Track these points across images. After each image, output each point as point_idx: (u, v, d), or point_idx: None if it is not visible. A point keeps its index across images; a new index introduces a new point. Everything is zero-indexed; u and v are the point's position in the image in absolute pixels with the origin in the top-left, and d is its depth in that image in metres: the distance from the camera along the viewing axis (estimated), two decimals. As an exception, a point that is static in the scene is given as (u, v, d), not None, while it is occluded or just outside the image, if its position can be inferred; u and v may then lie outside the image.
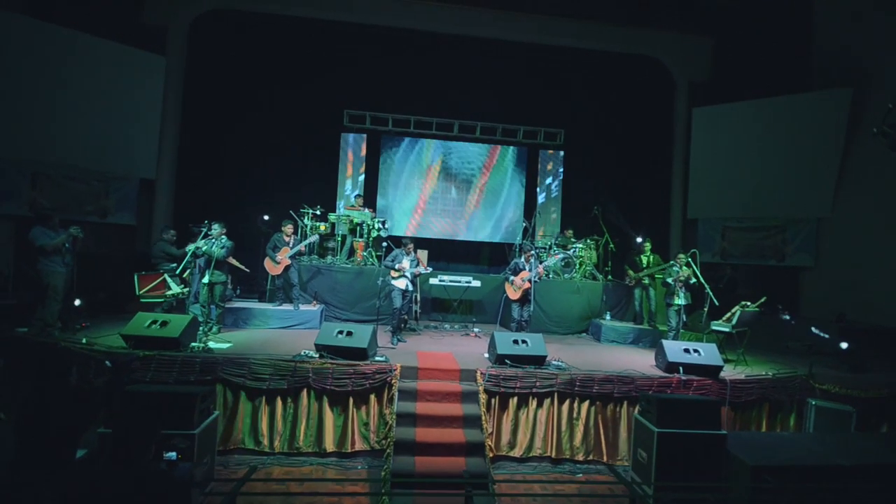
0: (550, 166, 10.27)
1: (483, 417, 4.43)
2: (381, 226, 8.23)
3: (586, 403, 4.84)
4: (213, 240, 5.82)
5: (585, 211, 8.62)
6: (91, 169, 8.44)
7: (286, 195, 8.61)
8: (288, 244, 6.72)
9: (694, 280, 6.02)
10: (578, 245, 8.13)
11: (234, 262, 6.22)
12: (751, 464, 3.61)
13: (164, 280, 5.97)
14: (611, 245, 8.07)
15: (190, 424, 3.34)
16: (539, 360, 5.02)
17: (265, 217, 8.57)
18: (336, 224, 8.15)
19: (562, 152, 10.19)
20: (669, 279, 6.17)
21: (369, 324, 5.72)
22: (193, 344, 4.92)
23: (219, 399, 4.63)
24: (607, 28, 9.57)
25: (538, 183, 10.24)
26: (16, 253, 7.65)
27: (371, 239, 8.05)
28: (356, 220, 8.10)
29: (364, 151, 9.98)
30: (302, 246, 6.81)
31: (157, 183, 9.09)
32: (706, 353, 5.20)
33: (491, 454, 4.32)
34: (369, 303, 6.94)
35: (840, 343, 5.99)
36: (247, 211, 8.76)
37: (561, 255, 7.88)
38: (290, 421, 4.66)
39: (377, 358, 4.94)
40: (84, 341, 4.90)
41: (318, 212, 8.03)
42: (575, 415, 4.81)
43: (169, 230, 6.59)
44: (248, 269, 6.69)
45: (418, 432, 4.24)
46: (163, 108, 8.93)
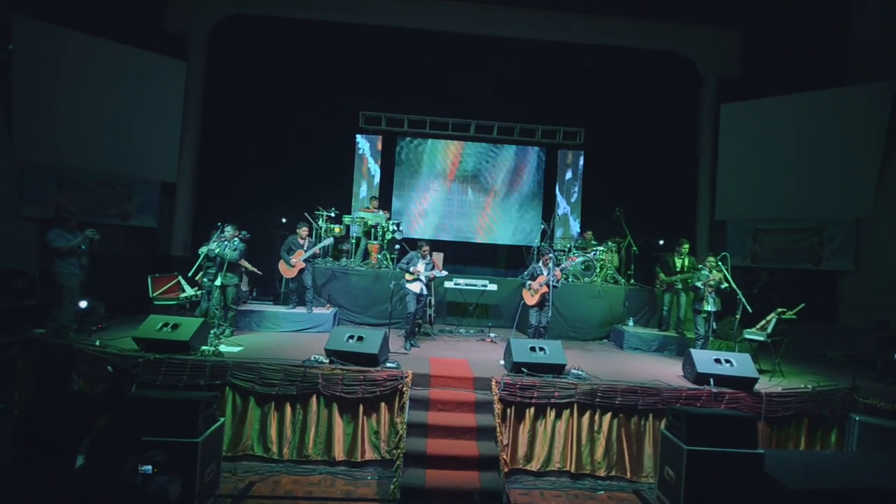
0: (570, 167, 9.97)
1: (498, 429, 4.21)
2: (396, 228, 8.11)
3: (608, 416, 4.56)
4: (226, 242, 5.78)
5: (606, 212, 8.30)
6: (114, 173, 8.62)
7: (302, 197, 8.57)
8: (303, 247, 6.65)
9: (725, 285, 5.66)
10: (599, 248, 7.82)
11: (247, 265, 6.17)
12: (791, 487, 3.29)
13: (178, 282, 5.95)
14: (633, 247, 7.73)
15: (193, 432, 3.24)
16: (558, 369, 4.77)
17: (282, 220, 8.56)
18: (350, 226, 8.07)
19: (582, 152, 9.88)
20: (698, 283, 5.81)
21: (382, 328, 5.58)
22: (204, 347, 4.86)
23: (228, 404, 4.56)
24: (629, 23, 9.25)
25: (557, 184, 9.94)
26: (42, 255, 7.82)
27: (386, 241, 7.93)
28: (370, 222, 8.00)
29: (379, 153, 9.89)
30: (317, 249, 6.73)
31: (178, 186, 9.21)
32: (739, 364, 4.86)
33: (506, 469, 4.10)
34: (383, 306, 6.81)
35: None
36: (264, 213, 8.78)
37: (581, 258, 7.60)
38: (300, 428, 4.55)
39: (388, 364, 4.78)
40: (97, 343, 4.90)
41: (333, 214, 7.96)
42: (596, 427, 4.54)
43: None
44: (262, 272, 6.62)
45: (430, 444, 4.05)
46: (183, 112, 9.06)
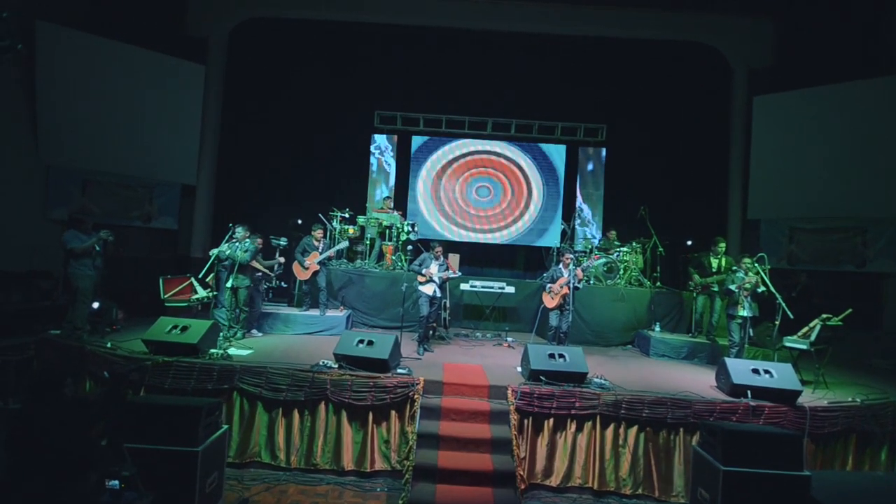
0: (591, 164, 9.59)
1: (514, 441, 3.95)
2: (411, 228, 7.93)
3: (634, 429, 4.24)
4: (237, 243, 5.70)
5: (630, 211, 7.91)
6: (136, 175, 8.77)
7: (319, 198, 8.53)
8: (317, 249, 6.54)
9: (763, 289, 5.23)
10: (623, 248, 7.44)
11: (259, 266, 6.08)
12: (845, 516, 2.93)
13: (191, 284, 5.90)
14: (660, 248, 7.31)
15: (193, 441, 3.10)
16: (579, 378, 4.47)
17: (298, 221, 8.50)
18: (365, 227, 7.93)
19: (604, 149, 9.49)
20: (733, 286, 5.39)
21: (396, 331, 5.40)
22: (213, 350, 4.76)
23: (235, 409, 4.46)
24: (654, 14, 8.88)
25: (578, 182, 9.58)
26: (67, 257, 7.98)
27: (400, 242, 7.76)
28: (385, 223, 7.85)
29: (394, 152, 9.75)
30: (332, 252, 6.60)
31: (198, 188, 9.30)
32: (780, 375, 4.46)
33: (522, 485, 3.82)
34: (398, 309, 6.61)
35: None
36: (280, 214, 8.76)
37: (603, 259, 7.24)
38: (308, 435, 4.39)
39: (399, 370, 4.58)
40: (108, 345, 4.87)
41: (347, 214, 7.84)
42: (621, 441, 4.22)
43: (256, 238, 6.09)
44: (273, 273, 6.52)
45: (441, 456, 3.82)
46: (202, 115, 9.14)
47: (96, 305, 5.64)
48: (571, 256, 5.63)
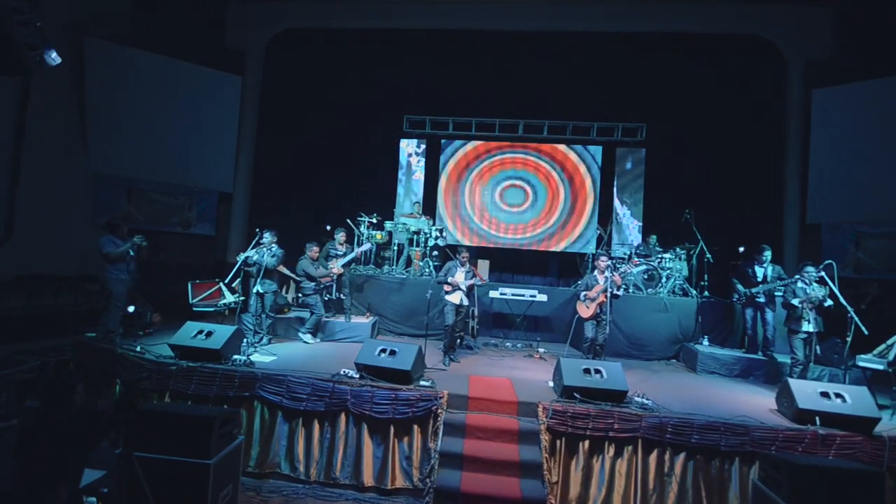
0: (630, 166, 9.06)
1: (545, 465, 3.61)
2: (439, 234, 7.74)
3: (682, 456, 3.79)
4: (265, 248, 5.68)
5: (672, 215, 7.36)
6: (177, 184, 9.08)
7: (349, 204, 8.49)
8: (341, 253, 6.46)
9: (830, 302, 4.63)
10: (665, 254, 6.92)
11: (285, 271, 6.04)
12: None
13: (220, 289, 5.93)
14: (707, 255, 6.73)
15: (205, 453, 2.98)
16: (617, 396, 4.08)
17: (327, 227, 8.51)
18: (393, 232, 7.80)
19: (643, 150, 8.95)
20: (795, 301, 4.81)
21: (423, 339, 5.18)
22: (236, 356, 4.70)
23: (256, 417, 4.37)
24: (698, 6, 8.32)
25: (615, 185, 9.08)
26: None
27: (428, 248, 7.57)
28: (413, 228, 7.69)
29: (424, 157, 9.61)
30: (354, 255, 6.50)
31: (234, 195, 9.52)
32: (854, 399, 3.89)
33: (555, 515, 3.48)
34: (424, 317, 6.41)
35: None
36: (313, 220, 8.81)
37: (643, 266, 6.75)
38: (328, 447, 4.23)
39: (422, 382, 4.34)
40: (138, 348, 4.92)
41: (375, 219, 7.74)
42: (666, 470, 3.78)
43: (312, 246, 6.10)
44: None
45: (464, 479, 3.53)
46: (239, 124, 9.38)
47: (132, 309, 5.76)
48: (608, 262, 5.21)
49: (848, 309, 4.49)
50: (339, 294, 6.55)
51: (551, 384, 4.63)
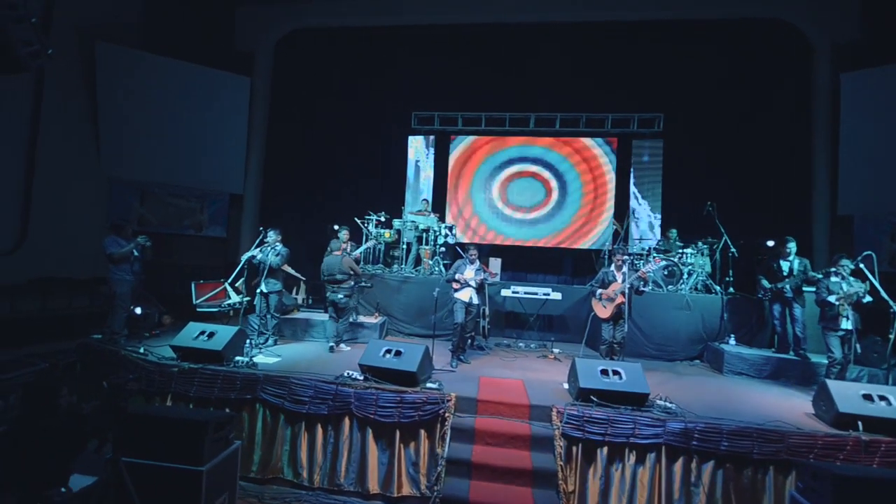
0: (646, 157, 8.71)
1: (560, 473, 3.36)
2: (449, 232, 7.53)
3: (710, 465, 3.49)
4: (269, 247, 5.57)
5: (693, 208, 7.00)
6: (189, 187, 9.08)
7: (359, 203, 8.37)
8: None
9: (870, 298, 4.26)
10: (686, 249, 6.57)
11: (290, 270, 5.91)
12: None
13: (225, 289, 5.84)
14: (732, 249, 6.36)
15: (198, 459, 2.83)
16: (638, 399, 3.80)
17: (335, 227, 8.41)
18: (402, 231, 7.63)
19: (661, 140, 8.59)
20: (832, 298, 4.44)
21: (433, 340, 4.98)
22: (238, 358, 4.58)
23: (258, 420, 4.23)
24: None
25: (632, 178, 8.74)
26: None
27: (438, 246, 7.38)
28: (422, 226, 7.51)
29: (433, 153, 9.43)
30: (357, 253, 6.34)
31: (245, 197, 9.50)
32: (902, 403, 3.54)
33: (571, 528, 3.23)
34: (432, 316, 6.22)
35: None
36: (322, 220, 8.72)
37: (663, 262, 6.42)
38: (331, 452, 4.06)
39: (429, 384, 4.13)
40: (142, 350, 4.84)
41: (383, 218, 7.58)
42: (693, 479, 3.49)
43: (356, 248, 5.96)
44: (304, 278, 6.35)
45: (473, 488, 3.30)
46: (248, 126, 9.36)
47: (139, 311, 5.70)
48: (626, 258, 4.91)
49: (891, 304, 4.12)
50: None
51: (566, 386, 4.37)
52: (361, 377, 4.22)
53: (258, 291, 5.44)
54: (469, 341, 5.87)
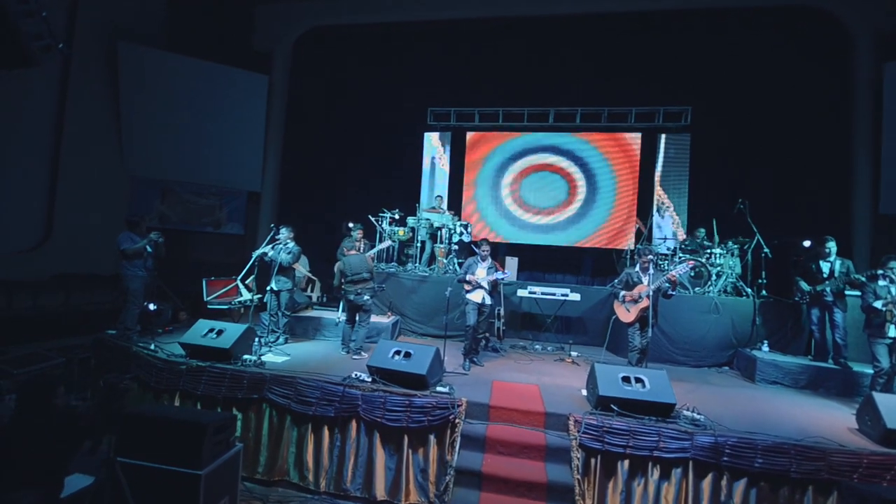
0: (672, 153, 8.32)
1: (577, 488, 3.14)
2: (464, 230, 7.35)
3: (743, 483, 3.21)
4: (280, 245, 5.49)
5: (723, 206, 6.62)
6: (208, 185, 9.18)
7: (374, 200, 8.29)
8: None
9: (921, 302, 3.89)
10: (715, 250, 6.22)
11: (301, 268, 5.82)
12: None
13: (236, 286, 5.79)
14: (765, 249, 5.98)
15: (196, 462, 2.73)
16: (663, 410, 3.53)
17: (349, 225, 8.32)
18: (416, 229, 7.49)
19: (688, 135, 8.20)
20: (878, 304, 4.08)
21: (443, 340, 4.80)
22: (246, 356, 4.50)
23: (265, 421, 4.13)
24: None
25: (657, 175, 8.36)
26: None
27: (453, 244, 7.20)
28: (436, 224, 7.34)
29: (449, 150, 9.25)
30: (372, 253, 6.21)
31: (262, 195, 9.54)
32: (962, 421, 3.19)
33: (589, 548, 3.01)
34: (444, 316, 6.04)
35: None
36: (338, 217, 8.67)
37: (693, 263, 6.07)
38: (338, 456, 3.92)
39: (439, 388, 3.96)
40: (153, 346, 4.82)
41: (397, 215, 7.45)
42: (723, 498, 3.21)
43: (369, 247, 5.85)
44: (316, 278, 6.26)
45: (483, 501, 3.11)
46: (266, 124, 9.39)
47: (153, 307, 5.70)
48: (651, 258, 4.62)
49: (947, 311, 3.74)
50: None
51: (584, 393, 4.13)
52: (369, 379, 4.07)
53: (268, 289, 5.37)
54: (483, 342, 5.67)
